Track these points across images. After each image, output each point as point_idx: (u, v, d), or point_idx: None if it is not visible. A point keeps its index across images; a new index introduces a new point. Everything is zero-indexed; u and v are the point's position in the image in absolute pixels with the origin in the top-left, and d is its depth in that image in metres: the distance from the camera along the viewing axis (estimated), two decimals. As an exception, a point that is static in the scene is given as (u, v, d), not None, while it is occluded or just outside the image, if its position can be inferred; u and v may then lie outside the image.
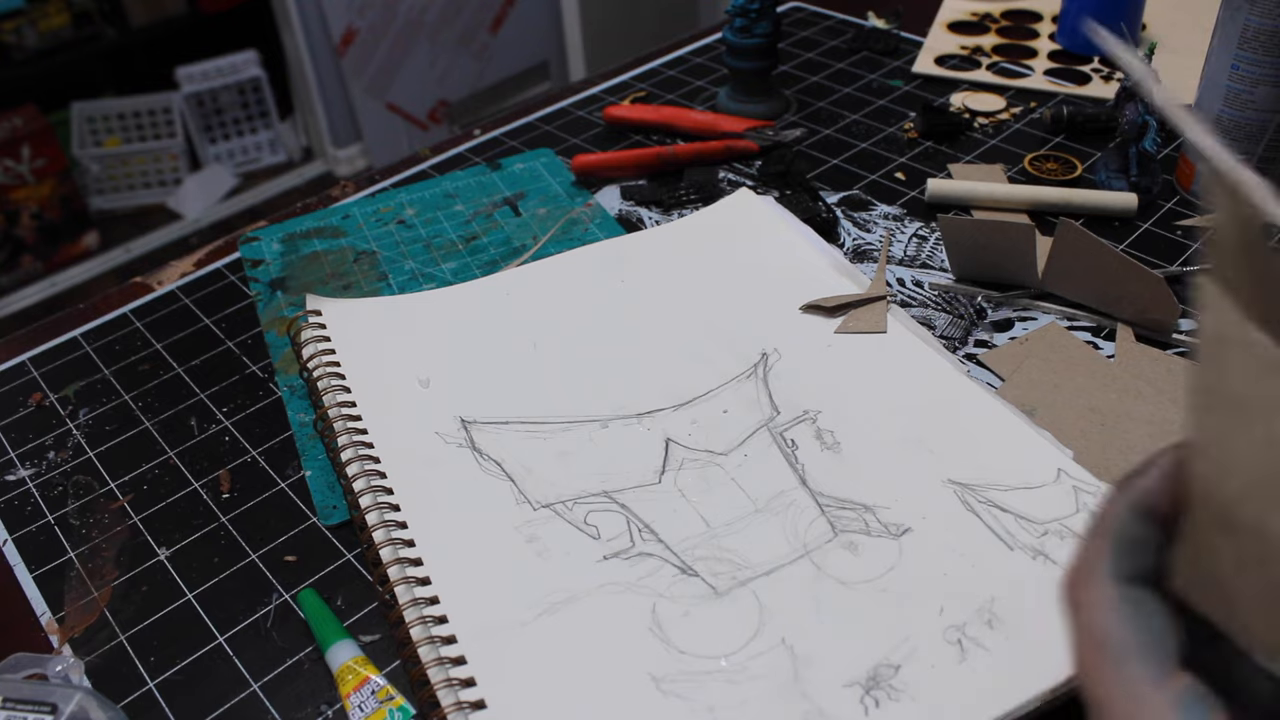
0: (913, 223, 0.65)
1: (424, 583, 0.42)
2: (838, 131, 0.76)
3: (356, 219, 0.69)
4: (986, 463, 0.46)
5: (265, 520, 0.49)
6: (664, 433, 0.49)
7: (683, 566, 0.42)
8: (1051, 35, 0.87)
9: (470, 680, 0.38)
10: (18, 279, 2.21)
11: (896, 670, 0.38)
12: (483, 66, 2.50)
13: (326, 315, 0.57)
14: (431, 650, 0.40)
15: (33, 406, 0.57)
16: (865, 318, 0.55)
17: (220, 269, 0.67)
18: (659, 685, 0.38)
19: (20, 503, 0.51)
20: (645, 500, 0.46)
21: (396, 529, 0.45)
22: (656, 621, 0.40)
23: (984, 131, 0.74)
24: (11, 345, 0.62)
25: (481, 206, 0.70)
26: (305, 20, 2.23)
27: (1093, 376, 0.51)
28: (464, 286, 0.60)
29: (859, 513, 0.44)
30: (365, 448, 0.49)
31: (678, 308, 0.57)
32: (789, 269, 0.59)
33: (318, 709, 0.40)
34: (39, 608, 0.46)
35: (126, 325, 0.63)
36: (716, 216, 0.65)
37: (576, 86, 0.86)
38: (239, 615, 0.44)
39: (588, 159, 0.71)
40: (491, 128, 0.80)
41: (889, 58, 0.85)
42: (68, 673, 0.42)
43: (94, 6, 2.26)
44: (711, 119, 0.76)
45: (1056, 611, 0.39)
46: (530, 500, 0.46)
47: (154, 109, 2.45)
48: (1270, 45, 0.57)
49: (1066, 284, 0.55)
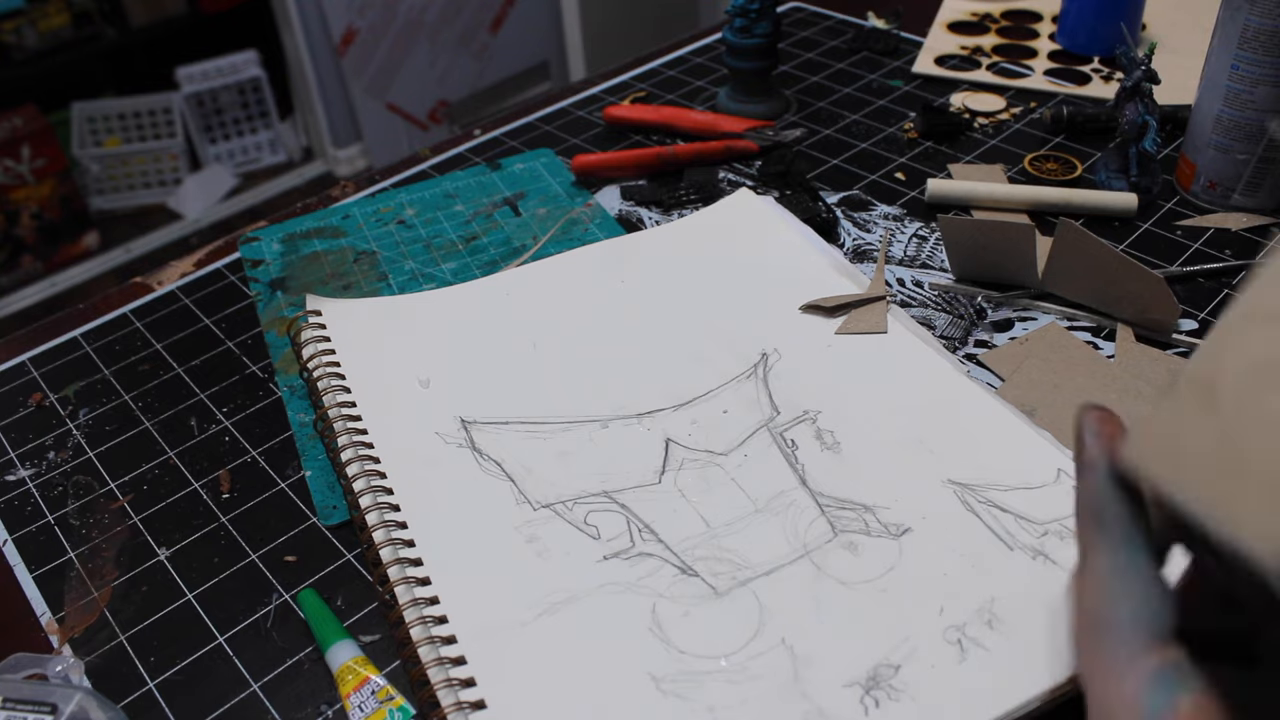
0: (913, 223, 0.65)
1: (424, 583, 0.42)
2: (838, 131, 0.76)
3: (356, 219, 0.69)
4: (986, 463, 0.46)
5: (265, 520, 0.49)
6: (664, 433, 0.49)
7: (683, 566, 0.42)
8: (1051, 35, 0.87)
9: (470, 680, 0.38)
10: (18, 279, 2.21)
11: (896, 670, 0.38)
12: (483, 66, 2.50)
13: (326, 315, 0.57)
14: (431, 650, 0.40)
15: (33, 406, 0.57)
16: (865, 318, 0.55)
17: (220, 269, 0.67)
18: (659, 685, 0.38)
19: (20, 503, 0.51)
20: (645, 500, 0.46)
21: (396, 529, 0.45)
22: (656, 621, 0.40)
23: (984, 131, 0.74)
24: (11, 345, 0.62)
25: (481, 206, 0.70)
26: (305, 20, 2.23)
27: (1093, 376, 0.51)
28: (464, 286, 0.60)
29: (859, 513, 0.44)
30: (365, 448, 0.49)
31: (678, 308, 0.57)
32: (789, 269, 0.59)
33: (318, 709, 0.40)
34: (39, 608, 0.46)
35: (126, 325, 0.63)
36: (716, 216, 0.65)
37: (576, 86, 0.86)
38: (239, 615, 0.44)
39: (588, 159, 0.71)
40: (491, 128, 0.80)
41: (889, 58, 0.85)
42: (68, 673, 0.42)
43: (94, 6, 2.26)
44: (711, 119, 0.76)
45: (1057, 611, 0.39)
46: (530, 500, 0.46)
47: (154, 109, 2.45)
48: (1270, 45, 0.57)
49: (1066, 284, 0.55)
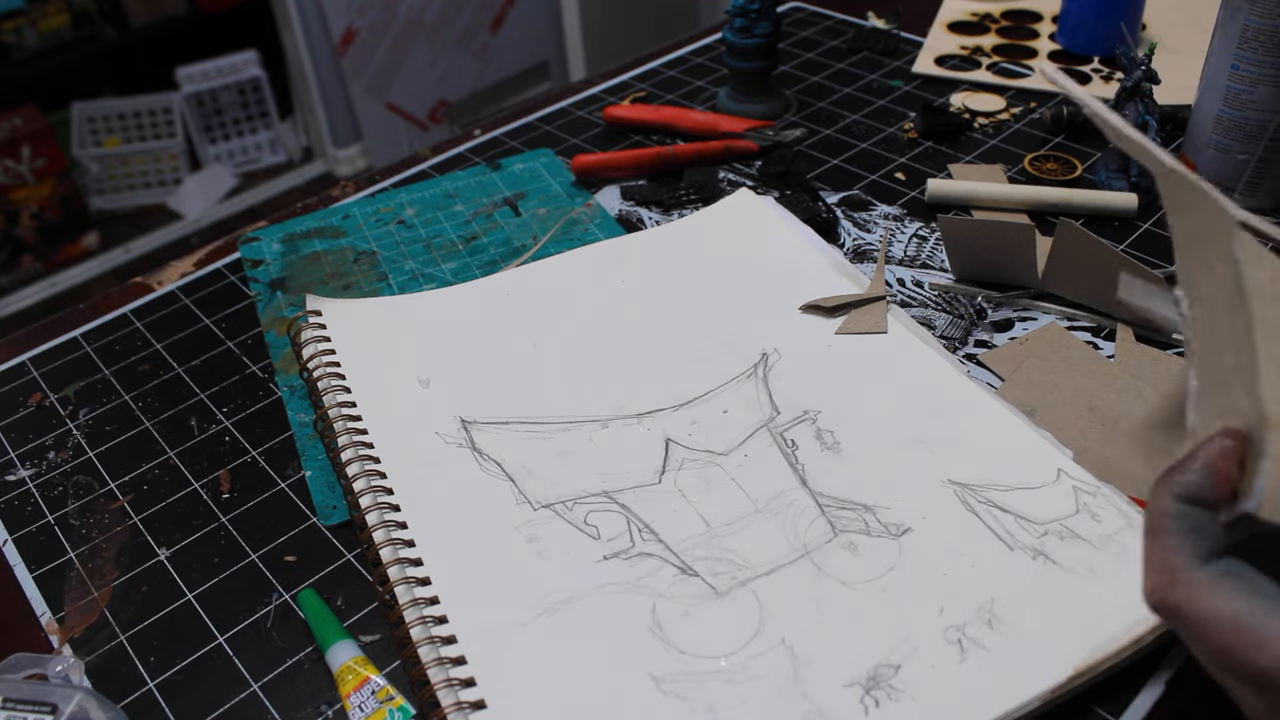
0: (913, 223, 0.65)
1: (424, 583, 0.42)
2: (838, 131, 0.76)
3: (356, 219, 0.69)
4: (986, 463, 0.46)
5: (265, 520, 0.49)
6: (664, 433, 0.49)
7: (683, 566, 0.42)
8: (1051, 35, 0.87)
9: (470, 680, 0.38)
10: (18, 279, 2.21)
11: (896, 670, 0.38)
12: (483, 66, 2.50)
13: (326, 315, 0.57)
14: (432, 650, 0.40)
15: (33, 406, 0.57)
16: (865, 318, 0.55)
17: (220, 269, 0.67)
18: (659, 685, 0.38)
19: (20, 503, 0.51)
20: (645, 500, 0.46)
21: (396, 529, 0.45)
22: (656, 621, 0.40)
23: (984, 131, 0.74)
24: (11, 345, 0.62)
25: (481, 206, 0.70)
26: (305, 20, 2.23)
27: (1093, 376, 0.51)
28: (464, 286, 0.60)
29: (859, 513, 0.44)
30: (365, 448, 0.49)
31: (678, 308, 0.57)
32: (789, 269, 0.59)
33: (318, 709, 0.40)
34: (39, 608, 0.46)
35: (126, 325, 0.63)
36: (716, 216, 0.65)
37: (576, 86, 0.86)
38: (239, 615, 0.44)
39: (588, 159, 0.71)
40: (491, 128, 0.80)
41: (889, 58, 0.85)
42: (68, 673, 0.42)
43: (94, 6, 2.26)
44: (711, 119, 0.76)
45: (1056, 612, 0.39)
46: (530, 500, 0.46)
47: (154, 109, 2.45)
48: (1270, 45, 0.56)
49: (1066, 284, 0.55)
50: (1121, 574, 0.40)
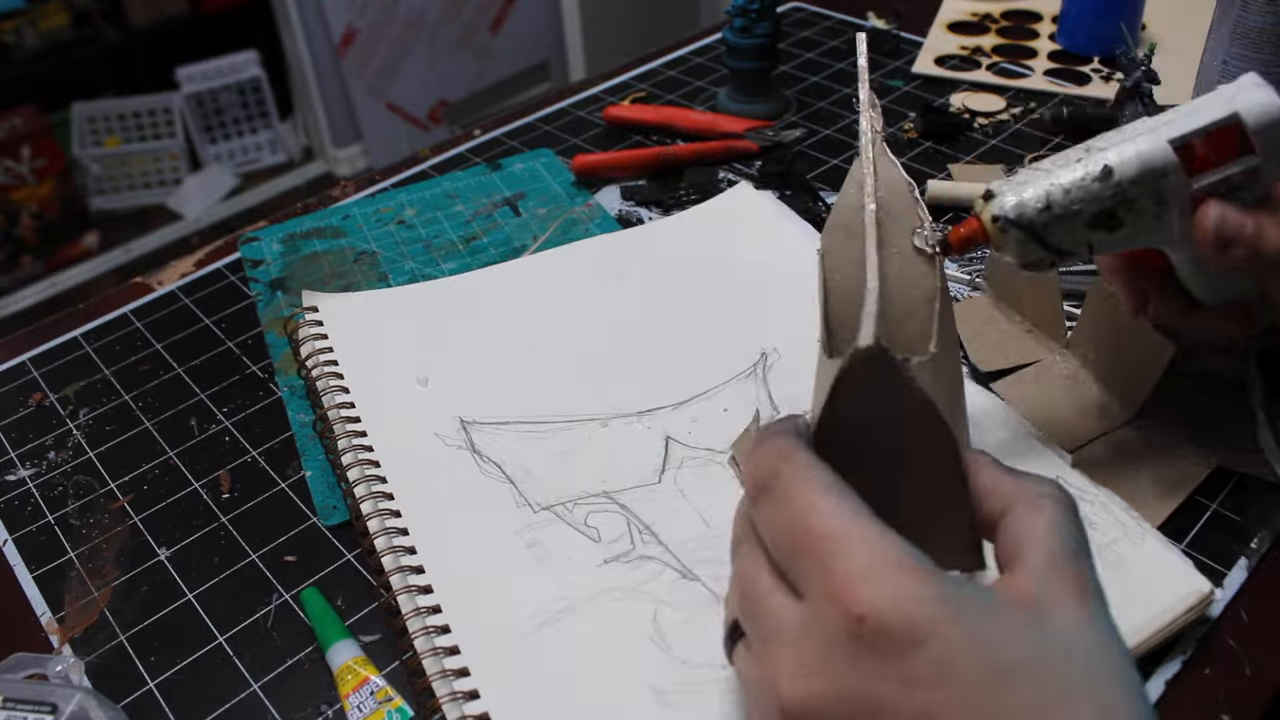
0: (913, 223, 0.65)
1: (425, 591, 0.42)
2: (838, 131, 0.76)
3: (356, 219, 0.69)
4: (986, 463, 0.46)
5: (265, 520, 0.49)
6: (664, 431, 0.49)
7: (683, 570, 0.42)
8: (1051, 35, 0.87)
9: (474, 693, 0.38)
10: (18, 279, 2.21)
11: (896, 670, 0.38)
12: (483, 66, 2.50)
13: (323, 310, 0.57)
14: (435, 662, 0.39)
15: (33, 406, 0.57)
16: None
17: (220, 269, 0.67)
18: (660, 696, 0.38)
19: (20, 503, 0.51)
20: (645, 500, 0.46)
21: (398, 536, 0.44)
22: (658, 630, 0.40)
23: (984, 132, 0.74)
24: (11, 345, 0.62)
25: (481, 206, 0.70)
26: (305, 20, 2.23)
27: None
28: (460, 277, 0.60)
29: (859, 513, 0.44)
30: (365, 451, 0.49)
31: (677, 306, 0.57)
32: (789, 267, 0.59)
33: (318, 709, 0.40)
34: (39, 608, 0.46)
35: (126, 325, 0.63)
36: (716, 210, 0.65)
37: (576, 86, 0.86)
38: (239, 615, 0.44)
39: (588, 159, 0.71)
40: (491, 128, 0.80)
41: (889, 58, 0.85)
42: (68, 673, 0.42)
43: (94, 6, 2.26)
44: (711, 119, 0.76)
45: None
46: (530, 503, 0.46)
47: (154, 109, 2.45)
48: (1260, 41, 0.57)
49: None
50: (1118, 581, 0.40)
